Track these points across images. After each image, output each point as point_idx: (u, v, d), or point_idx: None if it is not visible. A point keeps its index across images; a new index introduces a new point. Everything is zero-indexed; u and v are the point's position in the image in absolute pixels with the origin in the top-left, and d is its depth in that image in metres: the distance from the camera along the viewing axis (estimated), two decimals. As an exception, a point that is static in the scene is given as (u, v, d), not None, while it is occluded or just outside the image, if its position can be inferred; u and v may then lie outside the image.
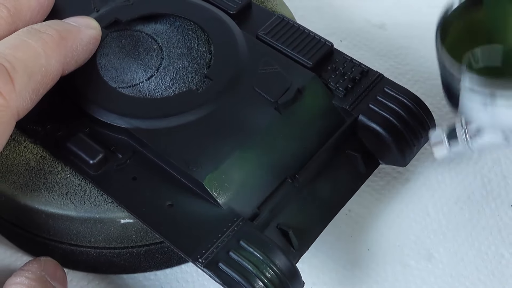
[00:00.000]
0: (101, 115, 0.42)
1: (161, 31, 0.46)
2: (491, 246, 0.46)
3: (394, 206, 0.47)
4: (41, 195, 0.40)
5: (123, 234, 0.41)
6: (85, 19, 0.44)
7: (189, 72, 0.44)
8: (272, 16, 0.47)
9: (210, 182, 0.39)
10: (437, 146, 0.39)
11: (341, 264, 0.45)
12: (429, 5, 0.33)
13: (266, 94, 0.43)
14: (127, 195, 0.40)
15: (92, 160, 0.40)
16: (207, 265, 0.37)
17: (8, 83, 0.37)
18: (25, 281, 0.38)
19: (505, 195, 0.48)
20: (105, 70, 0.44)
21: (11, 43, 0.39)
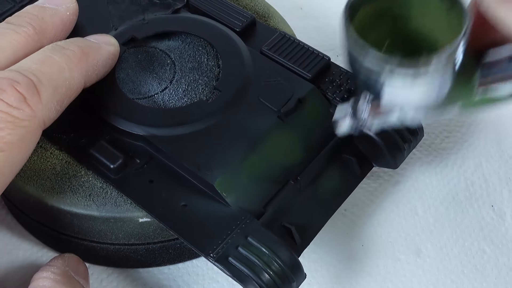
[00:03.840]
0: (120, 124, 0.42)
1: (174, 47, 0.46)
2: (474, 242, 0.46)
3: (385, 206, 0.47)
4: (66, 197, 0.40)
5: (141, 231, 0.41)
6: (105, 36, 0.44)
7: (199, 84, 0.44)
8: (275, 33, 0.48)
9: (220, 184, 0.39)
10: (340, 120, 0.37)
11: (338, 259, 0.45)
12: None
13: (269, 103, 0.43)
14: (145, 197, 0.40)
15: (112, 165, 0.40)
16: (218, 260, 0.37)
17: (35, 95, 0.37)
18: (51, 275, 0.38)
19: (486, 196, 0.48)
20: (123, 83, 0.44)
21: (38, 58, 0.39)
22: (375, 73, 0.30)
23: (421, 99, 0.31)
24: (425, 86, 0.30)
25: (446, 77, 0.30)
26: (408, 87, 0.31)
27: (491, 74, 0.31)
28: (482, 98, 0.31)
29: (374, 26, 0.32)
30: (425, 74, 0.29)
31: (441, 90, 0.31)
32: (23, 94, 0.36)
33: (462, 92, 0.31)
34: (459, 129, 0.51)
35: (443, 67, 0.29)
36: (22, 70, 0.37)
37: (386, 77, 0.30)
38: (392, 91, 0.31)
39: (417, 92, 0.31)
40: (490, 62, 0.31)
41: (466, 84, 0.31)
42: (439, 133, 0.51)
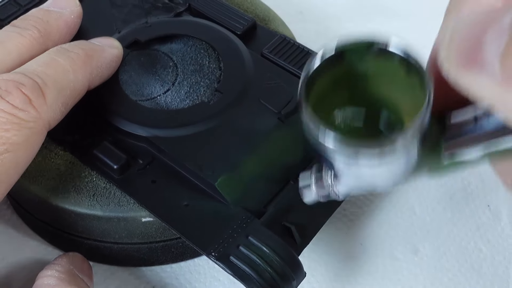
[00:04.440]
0: (123, 125, 0.42)
1: (176, 50, 0.46)
2: (471, 241, 0.46)
3: (384, 206, 0.47)
4: (71, 196, 0.40)
5: (144, 231, 0.41)
6: (108, 39, 0.44)
7: (201, 86, 0.44)
8: (275, 36, 0.48)
9: (222, 184, 0.39)
10: (305, 189, 0.35)
11: (337, 258, 0.45)
12: (417, 28, 0.33)
13: (270, 105, 0.43)
14: (148, 196, 0.40)
15: (116, 165, 0.40)
16: (219, 258, 0.37)
17: (40, 97, 0.37)
18: (56, 273, 0.38)
19: (483, 197, 0.48)
20: (127, 85, 0.44)
21: (42, 61, 0.39)
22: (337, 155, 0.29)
23: (388, 174, 0.30)
24: (392, 162, 0.29)
25: (412, 151, 0.29)
26: (373, 167, 0.29)
27: (457, 138, 0.29)
28: (450, 163, 0.30)
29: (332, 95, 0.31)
30: (391, 153, 0.28)
31: (408, 164, 0.30)
32: (28, 96, 0.36)
33: (429, 159, 0.30)
34: (456, 130, 0.51)
35: (409, 143, 0.28)
36: (27, 72, 0.38)
37: (349, 159, 0.29)
38: (357, 170, 0.30)
39: (383, 169, 0.30)
40: (454, 126, 0.30)
41: (432, 150, 0.30)
42: (437, 134, 0.51)
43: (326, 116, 0.31)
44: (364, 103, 0.32)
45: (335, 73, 0.30)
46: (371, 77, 0.31)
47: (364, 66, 0.30)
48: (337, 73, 0.30)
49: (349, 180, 0.32)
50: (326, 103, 0.31)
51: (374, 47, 0.30)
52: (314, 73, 0.30)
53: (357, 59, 0.30)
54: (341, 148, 0.28)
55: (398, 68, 0.29)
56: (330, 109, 0.31)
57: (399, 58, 0.29)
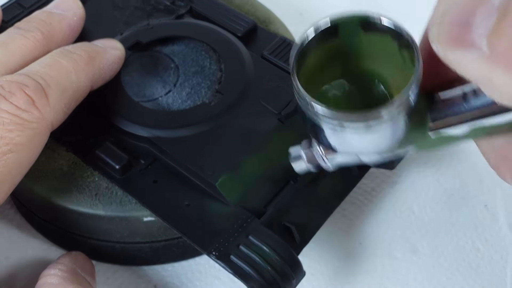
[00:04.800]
0: (126, 125, 0.42)
1: (178, 52, 0.46)
2: (468, 241, 0.46)
3: (382, 206, 0.47)
4: (73, 196, 0.41)
5: (145, 230, 0.41)
6: (111, 41, 0.44)
7: (202, 87, 0.44)
8: (275, 38, 0.48)
9: (222, 184, 0.39)
10: (296, 160, 0.36)
11: (336, 257, 0.45)
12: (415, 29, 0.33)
13: (270, 106, 0.43)
14: (149, 196, 0.40)
15: (118, 165, 0.40)
16: (220, 257, 0.37)
17: (43, 98, 0.37)
18: (59, 272, 0.38)
19: (480, 196, 0.48)
20: (129, 86, 0.44)
21: (46, 62, 0.39)
22: (325, 126, 0.29)
23: (374, 147, 0.31)
24: (378, 135, 0.29)
25: (399, 124, 0.29)
26: (360, 138, 0.30)
27: (443, 116, 0.30)
28: (436, 138, 0.30)
29: (326, 69, 0.31)
30: (377, 125, 0.28)
31: (394, 136, 0.30)
32: (31, 97, 0.36)
33: (416, 134, 0.30)
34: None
35: (395, 116, 0.28)
36: (30, 73, 0.38)
37: (336, 129, 0.29)
38: (344, 142, 0.31)
39: (369, 141, 0.30)
40: (443, 102, 0.30)
41: (419, 126, 0.30)
42: (435, 135, 0.51)
43: (317, 87, 0.31)
44: (356, 77, 0.32)
45: (328, 46, 0.31)
46: (364, 52, 0.31)
47: (357, 40, 0.31)
48: (330, 47, 0.31)
49: (337, 147, 0.32)
50: (319, 76, 0.31)
51: (368, 21, 0.30)
52: (308, 45, 0.30)
53: (351, 33, 0.30)
54: (328, 117, 0.28)
55: (391, 43, 0.30)
56: (322, 81, 0.32)
57: (391, 34, 0.29)
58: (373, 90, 0.32)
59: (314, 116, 0.29)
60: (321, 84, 0.32)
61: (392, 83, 0.31)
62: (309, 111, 0.29)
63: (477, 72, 0.24)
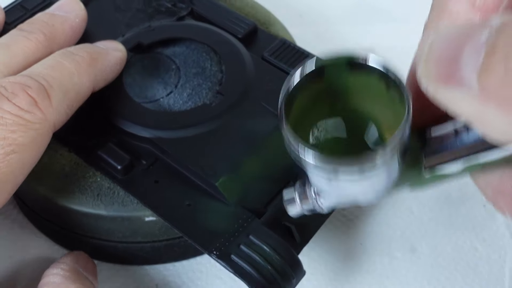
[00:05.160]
0: (127, 126, 0.42)
1: (179, 53, 0.46)
2: (467, 240, 0.46)
3: (382, 206, 0.47)
4: (75, 196, 0.41)
5: (147, 230, 0.41)
6: (113, 42, 0.44)
7: (203, 88, 0.44)
8: (276, 40, 0.48)
9: (223, 185, 0.39)
10: (290, 203, 0.35)
11: (336, 256, 0.45)
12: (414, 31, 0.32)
13: (270, 107, 0.43)
14: (151, 196, 0.40)
15: (119, 166, 0.40)
16: (220, 257, 0.37)
17: (46, 99, 0.37)
18: (61, 272, 0.38)
19: (478, 197, 0.48)
20: (130, 87, 0.44)
21: (48, 64, 0.39)
22: (318, 174, 0.29)
23: (369, 192, 0.30)
24: (373, 180, 0.29)
25: (393, 167, 0.29)
26: (354, 185, 0.29)
27: (437, 152, 0.29)
28: (431, 177, 0.30)
29: (313, 110, 0.31)
30: (371, 171, 0.28)
31: (389, 179, 0.30)
32: (34, 98, 0.36)
33: (410, 173, 0.30)
34: (453, 132, 0.51)
35: (389, 159, 0.28)
36: (33, 75, 0.38)
37: (329, 175, 0.28)
38: (338, 189, 0.30)
39: (364, 187, 0.30)
40: (434, 140, 0.29)
41: (413, 165, 0.30)
42: (434, 136, 0.51)
43: (306, 132, 0.31)
44: (345, 117, 0.31)
45: (315, 89, 0.30)
46: (351, 93, 0.30)
47: (344, 81, 0.30)
48: (317, 89, 0.30)
49: (331, 195, 0.32)
50: (307, 119, 0.31)
51: (354, 61, 0.29)
52: (294, 89, 0.29)
53: (337, 74, 0.30)
54: (321, 164, 0.28)
55: (378, 83, 0.29)
56: (311, 125, 0.31)
57: (378, 73, 0.29)
58: (364, 129, 0.31)
59: (307, 165, 0.28)
60: (310, 127, 0.31)
61: (383, 121, 0.30)
62: (301, 160, 0.28)
63: (468, 110, 0.23)
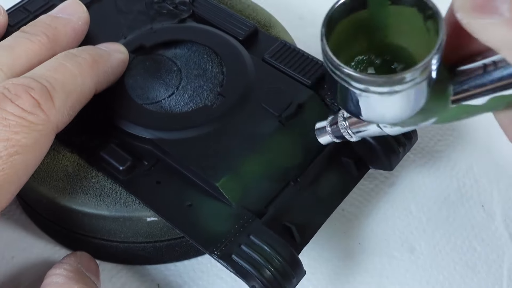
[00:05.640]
0: (129, 128, 0.42)
1: (180, 55, 0.46)
2: (465, 240, 0.46)
3: (381, 206, 0.47)
4: (78, 197, 0.41)
5: (149, 230, 0.41)
6: (115, 44, 0.44)
7: (204, 90, 0.44)
8: (276, 42, 0.48)
9: (224, 185, 0.39)
10: (321, 133, 0.38)
11: (336, 256, 0.45)
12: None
13: (271, 108, 0.43)
14: (152, 197, 0.40)
15: (121, 166, 0.40)
16: (221, 257, 0.37)
17: (49, 100, 0.37)
18: (64, 272, 0.38)
19: (477, 197, 0.48)
20: (132, 89, 0.44)
21: (51, 66, 0.39)
22: (350, 90, 0.30)
23: (397, 114, 0.31)
24: (400, 101, 0.30)
25: (421, 92, 0.30)
26: (383, 103, 0.30)
27: (464, 87, 0.30)
28: (457, 109, 0.31)
29: (353, 40, 0.32)
30: (399, 91, 0.29)
31: (416, 104, 0.30)
32: (37, 99, 0.36)
33: (437, 104, 0.31)
34: (452, 133, 0.51)
35: (418, 83, 0.29)
36: (36, 77, 0.38)
37: (361, 94, 0.30)
38: (368, 108, 0.31)
39: (392, 108, 0.30)
40: (464, 73, 0.30)
41: (441, 96, 0.31)
42: (432, 137, 0.51)
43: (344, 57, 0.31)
44: (383, 51, 0.32)
45: (356, 16, 0.31)
46: (391, 24, 0.31)
47: (384, 11, 0.31)
48: (358, 17, 0.31)
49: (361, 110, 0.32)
50: (346, 46, 0.31)
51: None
52: (337, 13, 0.31)
53: (379, 3, 0.31)
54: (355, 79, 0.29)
55: (417, 14, 0.30)
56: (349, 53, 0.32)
57: (418, 5, 0.30)
58: (399, 64, 0.32)
59: (341, 80, 0.29)
60: (348, 56, 0.32)
61: (418, 57, 0.31)
62: (336, 74, 0.29)
63: (499, 37, 0.25)
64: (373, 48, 0.32)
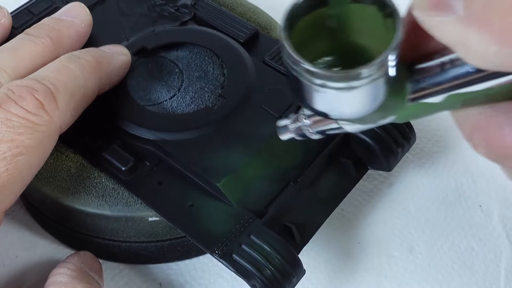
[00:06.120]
0: (131, 129, 0.42)
1: (182, 57, 0.46)
2: (463, 240, 0.46)
3: (380, 206, 0.47)
4: (81, 197, 0.41)
5: (150, 230, 0.41)
6: (117, 47, 0.44)
7: (205, 92, 0.44)
8: (276, 44, 0.47)
9: (225, 185, 0.39)
10: (282, 130, 0.37)
11: (335, 256, 0.45)
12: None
13: (271, 110, 0.43)
14: (154, 197, 0.40)
15: (124, 167, 0.40)
16: (222, 256, 0.37)
17: (52, 102, 0.37)
18: (67, 271, 0.38)
19: (475, 197, 0.48)
20: (134, 91, 0.44)
21: (54, 67, 0.39)
22: (309, 86, 0.29)
23: (355, 111, 0.31)
24: (358, 97, 0.29)
25: (378, 89, 0.29)
26: (341, 99, 0.30)
27: (422, 84, 0.30)
28: (415, 107, 0.31)
29: (316, 38, 0.31)
30: (356, 86, 0.28)
31: (374, 101, 0.30)
32: (41, 101, 0.36)
33: (395, 102, 0.31)
34: (449, 134, 0.51)
35: (375, 79, 0.28)
36: (40, 78, 0.38)
37: (319, 90, 0.29)
38: (326, 104, 0.30)
39: (350, 104, 0.30)
40: (421, 71, 0.30)
41: (399, 94, 0.30)
42: (431, 138, 0.51)
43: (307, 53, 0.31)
44: (343, 52, 0.32)
45: (317, 14, 0.31)
46: (351, 23, 0.31)
47: (345, 9, 0.31)
48: (319, 15, 0.31)
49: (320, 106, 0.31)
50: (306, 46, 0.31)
51: None
52: (297, 10, 0.30)
53: (339, 1, 0.31)
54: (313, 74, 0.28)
55: (376, 13, 0.30)
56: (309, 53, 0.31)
57: (377, 3, 0.30)
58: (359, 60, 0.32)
59: (300, 76, 0.29)
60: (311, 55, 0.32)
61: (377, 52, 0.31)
62: (295, 70, 0.29)
63: (453, 35, 0.25)
64: (336, 47, 0.32)
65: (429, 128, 0.51)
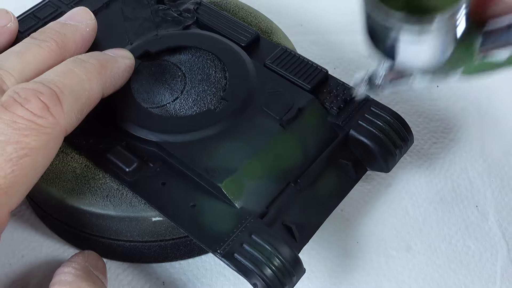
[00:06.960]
0: (135, 130, 0.42)
1: (185, 61, 0.46)
2: (460, 239, 0.46)
3: (378, 206, 0.47)
4: (86, 197, 0.41)
5: (154, 230, 0.41)
6: (121, 50, 0.44)
7: (208, 94, 0.44)
8: (277, 48, 0.47)
9: (227, 186, 0.39)
10: (357, 86, 0.38)
11: (335, 255, 0.45)
12: None
13: (272, 112, 0.43)
14: (157, 198, 0.40)
15: (128, 168, 0.40)
16: (224, 255, 0.37)
17: (58, 104, 0.37)
18: (72, 270, 0.38)
19: (471, 198, 0.48)
20: (138, 93, 0.44)
21: (60, 71, 0.39)
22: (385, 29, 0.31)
23: (426, 59, 0.32)
24: (430, 44, 0.31)
25: (448, 38, 0.31)
26: (414, 44, 0.31)
27: (490, 41, 0.32)
28: (482, 63, 0.32)
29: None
30: (429, 32, 0.30)
31: (444, 51, 0.31)
32: (46, 103, 0.36)
33: (463, 57, 0.32)
34: (446, 135, 0.51)
35: (446, 27, 0.30)
36: (45, 81, 0.38)
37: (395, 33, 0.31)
38: (400, 48, 0.31)
39: (422, 51, 0.31)
40: (490, 30, 0.32)
41: (467, 49, 0.32)
42: (428, 139, 0.51)
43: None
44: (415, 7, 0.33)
45: None
46: None
47: None
48: None
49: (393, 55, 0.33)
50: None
51: None
52: None
53: None
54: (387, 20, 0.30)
55: None
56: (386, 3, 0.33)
57: None
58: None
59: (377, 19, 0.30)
60: None
61: None
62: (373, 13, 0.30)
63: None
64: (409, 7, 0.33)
65: (427, 130, 0.51)
